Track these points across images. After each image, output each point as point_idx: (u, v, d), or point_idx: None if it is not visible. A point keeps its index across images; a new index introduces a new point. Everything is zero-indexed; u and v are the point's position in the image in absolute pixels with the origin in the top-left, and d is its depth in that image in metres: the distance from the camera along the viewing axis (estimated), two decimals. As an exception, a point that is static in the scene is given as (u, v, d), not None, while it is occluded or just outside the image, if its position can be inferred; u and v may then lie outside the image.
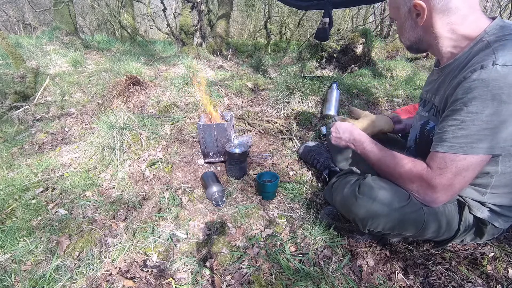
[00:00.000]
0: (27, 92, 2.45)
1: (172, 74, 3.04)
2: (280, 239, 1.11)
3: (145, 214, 1.24)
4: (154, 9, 7.00)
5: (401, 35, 0.92)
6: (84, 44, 4.30)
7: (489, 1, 4.56)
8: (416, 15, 0.81)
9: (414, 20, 0.82)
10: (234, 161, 1.43)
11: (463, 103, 0.69)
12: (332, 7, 2.43)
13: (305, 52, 4.34)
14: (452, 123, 0.72)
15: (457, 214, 0.86)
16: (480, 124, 0.67)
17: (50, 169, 1.57)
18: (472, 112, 0.68)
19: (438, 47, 0.84)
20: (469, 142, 0.70)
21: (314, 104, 2.36)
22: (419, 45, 0.89)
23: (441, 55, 0.85)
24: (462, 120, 0.70)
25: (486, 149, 0.69)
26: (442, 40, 0.81)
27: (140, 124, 1.81)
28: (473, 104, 0.67)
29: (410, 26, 0.85)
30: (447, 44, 0.81)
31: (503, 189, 0.81)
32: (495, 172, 0.78)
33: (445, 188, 0.77)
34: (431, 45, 0.86)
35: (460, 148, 0.71)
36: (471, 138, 0.69)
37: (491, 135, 0.68)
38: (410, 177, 0.82)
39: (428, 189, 0.79)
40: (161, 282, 0.94)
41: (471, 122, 0.68)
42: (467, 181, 0.75)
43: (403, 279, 0.95)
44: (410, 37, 0.88)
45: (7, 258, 1.03)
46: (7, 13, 7.80)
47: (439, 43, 0.82)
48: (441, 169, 0.75)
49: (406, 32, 0.88)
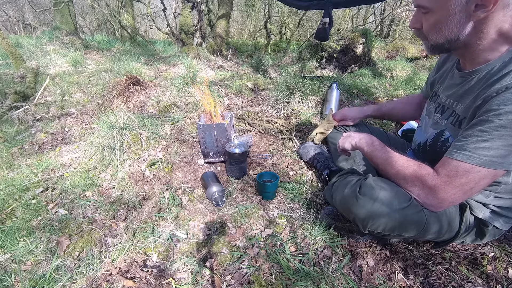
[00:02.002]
0: (27, 92, 2.45)
1: (172, 74, 3.04)
2: (280, 239, 1.11)
3: (145, 214, 1.24)
4: (154, 9, 7.00)
5: (433, 32, 0.73)
6: (84, 44, 4.30)
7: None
8: (475, 7, 0.64)
9: (470, 13, 0.65)
10: (234, 161, 1.43)
11: (497, 115, 0.63)
12: (332, 7, 2.43)
13: (305, 52, 4.33)
14: (478, 134, 0.67)
15: (458, 215, 0.86)
16: (509, 139, 0.62)
17: (50, 169, 1.57)
18: (504, 126, 0.62)
19: (478, 48, 0.72)
20: (490, 155, 0.66)
21: (314, 104, 2.36)
22: (452, 45, 0.74)
23: (474, 58, 0.75)
24: (489, 133, 0.65)
25: (505, 164, 0.66)
26: (485, 41, 0.69)
27: (140, 124, 1.81)
28: (508, 119, 0.61)
29: (459, 20, 0.68)
30: (488, 47, 0.70)
31: (508, 195, 0.81)
32: (505, 182, 0.77)
33: (447, 196, 0.74)
34: (469, 46, 0.72)
35: (479, 159, 0.67)
36: (493, 152, 0.65)
37: None
38: (413, 180, 0.79)
39: (429, 194, 0.77)
40: (161, 282, 0.94)
41: (499, 136, 0.63)
42: (473, 193, 0.73)
43: (403, 279, 0.95)
44: (450, 34, 0.71)
45: (7, 258, 1.03)
46: (7, 13, 7.80)
47: (481, 44, 0.70)
48: (450, 177, 0.72)
49: (447, 28, 0.70)
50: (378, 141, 0.94)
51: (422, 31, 0.77)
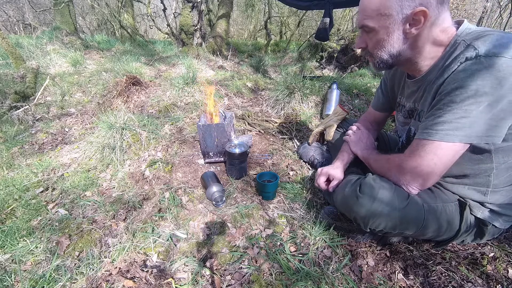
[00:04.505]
0: (27, 92, 2.45)
1: (172, 74, 3.04)
2: (280, 239, 1.11)
3: (145, 214, 1.24)
4: (154, 9, 7.00)
5: (377, 49, 0.81)
6: (84, 44, 4.30)
7: (489, 1, 4.56)
8: (409, 25, 0.74)
9: (406, 30, 0.75)
10: (234, 161, 1.43)
11: (446, 93, 0.71)
12: (332, 7, 2.43)
13: (305, 52, 4.34)
14: (434, 113, 0.74)
15: (458, 214, 0.86)
16: (459, 112, 0.68)
17: (50, 169, 1.57)
18: (453, 101, 0.69)
19: (419, 60, 0.81)
20: (446, 129, 0.71)
21: (314, 104, 2.37)
22: (395, 60, 0.82)
23: (420, 67, 0.83)
24: (442, 109, 0.72)
25: (461, 137, 0.70)
26: (424, 53, 0.79)
27: (140, 124, 1.81)
28: (455, 94, 0.69)
29: (397, 37, 0.76)
30: (428, 56, 0.79)
31: (503, 187, 0.82)
32: (491, 169, 0.79)
33: (412, 170, 0.79)
34: (410, 59, 0.82)
35: (436, 134, 0.72)
36: (447, 125, 0.70)
37: (469, 124, 0.68)
38: (390, 167, 0.87)
39: (398, 171, 0.83)
40: (161, 282, 0.94)
41: (450, 110, 0.70)
42: (437, 166, 0.75)
43: (403, 279, 0.95)
44: (392, 49, 0.79)
45: (7, 258, 1.03)
46: (7, 13, 7.80)
47: (421, 56, 0.80)
48: (412, 152, 0.79)
49: (388, 45, 0.79)
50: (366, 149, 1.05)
51: (367, 50, 0.85)
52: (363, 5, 0.78)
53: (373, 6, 0.75)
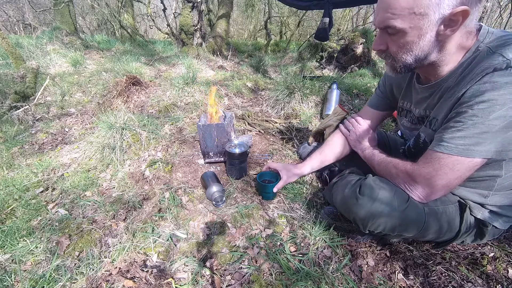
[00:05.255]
0: (27, 92, 2.45)
1: (172, 74, 3.04)
2: (280, 239, 1.11)
3: (145, 214, 1.24)
4: (154, 9, 7.00)
5: (404, 51, 0.73)
6: (84, 44, 4.30)
7: (489, 1, 4.56)
8: (444, 26, 0.66)
9: (440, 32, 0.67)
10: (234, 161, 1.43)
11: (469, 106, 0.66)
12: (332, 7, 2.43)
13: (305, 52, 4.34)
14: (453, 125, 0.70)
15: (458, 215, 0.86)
16: (482, 127, 0.65)
17: (50, 169, 1.57)
18: (476, 115, 0.65)
19: (442, 65, 0.75)
20: (466, 144, 0.68)
21: (314, 104, 2.37)
22: (419, 63, 0.75)
23: (439, 71, 0.77)
24: (464, 123, 0.67)
25: (481, 152, 0.67)
26: (448, 56, 0.73)
27: (140, 124, 1.81)
28: (479, 108, 0.64)
29: (429, 39, 0.69)
30: (450, 59, 0.73)
31: (505, 191, 0.82)
32: (499, 176, 0.78)
33: (423, 180, 0.77)
34: (434, 63, 0.75)
35: (455, 148, 0.69)
36: (469, 140, 0.67)
37: (490, 139, 0.65)
38: (398, 172, 0.85)
39: (409, 180, 0.81)
40: (161, 282, 0.94)
41: (473, 124, 0.66)
42: (450, 181, 0.74)
43: (403, 279, 0.95)
44: (420, 53, 0.72)
45: (7, 258, 1.03)
46: (7, 13, 7.80)
47: (444, 59, 0.73)
48: (426, 163, 0.76)
49: (418, 47, 0.71)
50: (370, 147, 1.06)
51: (388, 52, 0.77)
52: (388, 2, 0.67)
53: (405, 3, 0.65)
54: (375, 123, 1.16)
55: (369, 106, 1.16)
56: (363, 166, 1.16)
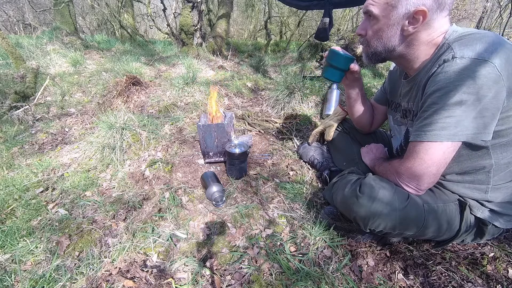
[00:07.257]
0: (27, 92, 2.45)
1: (172, 74, 3.04)
2: (280, 239, 1.11)
3: (145, 214, 1.24)
4: (154, 9, 7.00)
5: (374, 39, 0.84)
6: (84, 44, 4.30)
7: (489, 1, 4.56)
8: (408, 22, 0.77)
9: (404, 27, 0.78)
10: (234, 161, 1.43)
11: (429, 95, 0.74)
12: (332, 7, 2.43)
13: (305, 52, 4.33)
14: (421, 115, 0.77)
15: (458, 214, 0.86)
16: (443, 113, 0.71)
17: (50, 169, 1.57)
18: (436, 103, 0.72)
19: (412, 58, 0.84)
20: (433, 130, 0.73)
21: (314, 104, 2.37)
22: (388, 54, 0.86)
23: (413, 66, 0.86)
24: (427, 111, 0.74)
25: (448, 136, 0.72)
26: (418, 52, 0.82)
27: (140, 124, 1.81)
28: (437, 96, 0.72)
29: (395, 31, 0.80)
30: (422, 54, 0.82)
31: (504, 183, 0.83)
32: (490, 166, 0.80)
33: (406, 172, 0.81)
34: (403, 56, 0.85)
35: (425, 135, 0.75)
36: (434, 126, 0.73)
37: (455, 123, 0.70)
38: (391, 169, 0.89)
39: (397, 175, 0.85)
40: (161, 282, 0.94)
41: (435, 111, 0.72)
42: (429, 167, 0.77)
43: (403, 279, 0.95)
44: (388, 42, 0.83)
45: (7, 258, 1.03)
46: (7, 13, 7.80)
47: (415, 54, 0.82)
48: (406, 155, 0.82)
49: (386, 36, 0.82)
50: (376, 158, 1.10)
51: (366, 38, 0.88)
52: None
53: None
54: (379, 117, 1.27)
55: (374, 99, 1.28)
56: (363, 166, 1.17)
